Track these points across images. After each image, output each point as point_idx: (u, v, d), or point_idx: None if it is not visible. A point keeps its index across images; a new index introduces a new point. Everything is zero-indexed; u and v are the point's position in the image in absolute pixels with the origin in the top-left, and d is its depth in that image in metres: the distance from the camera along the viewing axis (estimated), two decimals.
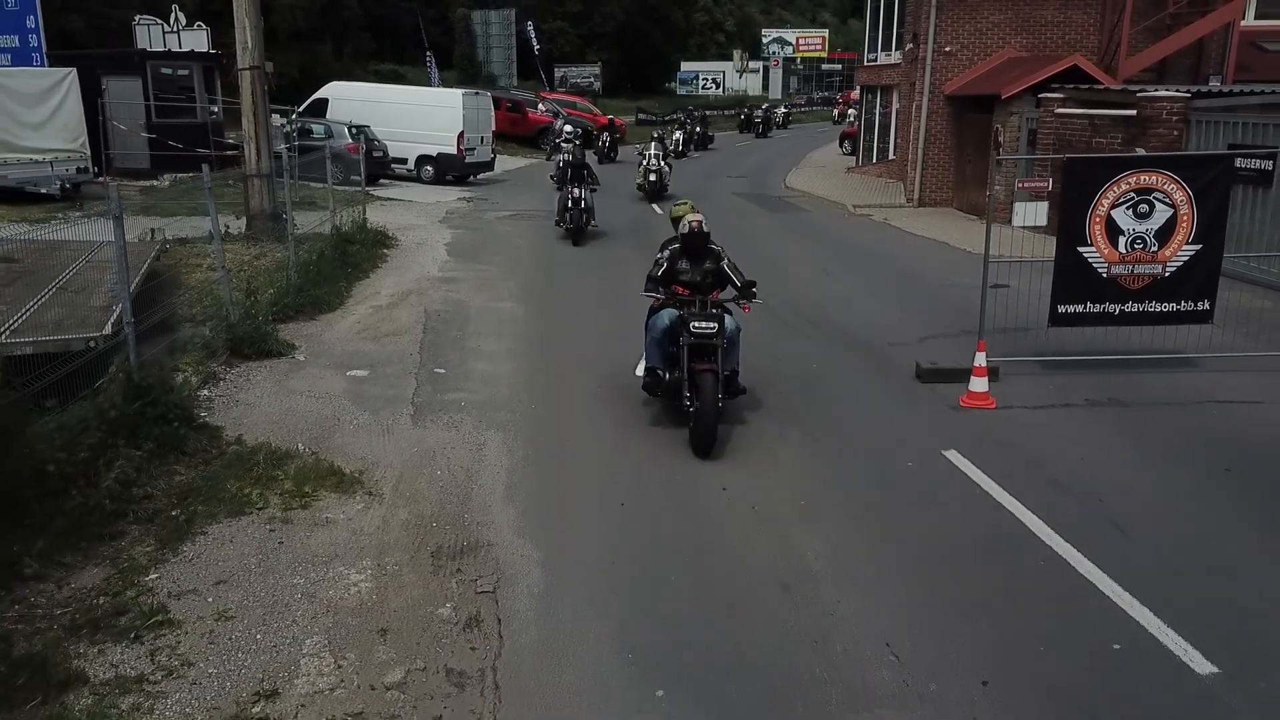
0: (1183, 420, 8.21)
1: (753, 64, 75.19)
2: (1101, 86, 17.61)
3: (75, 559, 5.72)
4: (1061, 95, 17.23)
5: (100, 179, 20.86)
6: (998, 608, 5.34)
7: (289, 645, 5.01)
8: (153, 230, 12.94)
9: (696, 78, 72.45)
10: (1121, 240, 9.03)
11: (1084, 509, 6.51)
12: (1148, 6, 19.92)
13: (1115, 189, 8.90)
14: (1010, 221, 9.51)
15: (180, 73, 23.68)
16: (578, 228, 17.00)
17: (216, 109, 23.52)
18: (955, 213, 20.89)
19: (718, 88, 72.09)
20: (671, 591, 5.59)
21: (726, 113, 56.08)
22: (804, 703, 4.55)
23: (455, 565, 5.92)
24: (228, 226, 14.20)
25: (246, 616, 5.25)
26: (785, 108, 58.61)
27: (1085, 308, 9.23)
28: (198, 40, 25.11)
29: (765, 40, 75.74)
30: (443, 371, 9.81)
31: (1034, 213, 9.07)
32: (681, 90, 70.26)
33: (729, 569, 5.84)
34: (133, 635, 5.00)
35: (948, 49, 21.08)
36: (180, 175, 21.36)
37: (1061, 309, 9.27)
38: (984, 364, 8.66)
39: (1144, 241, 9.02)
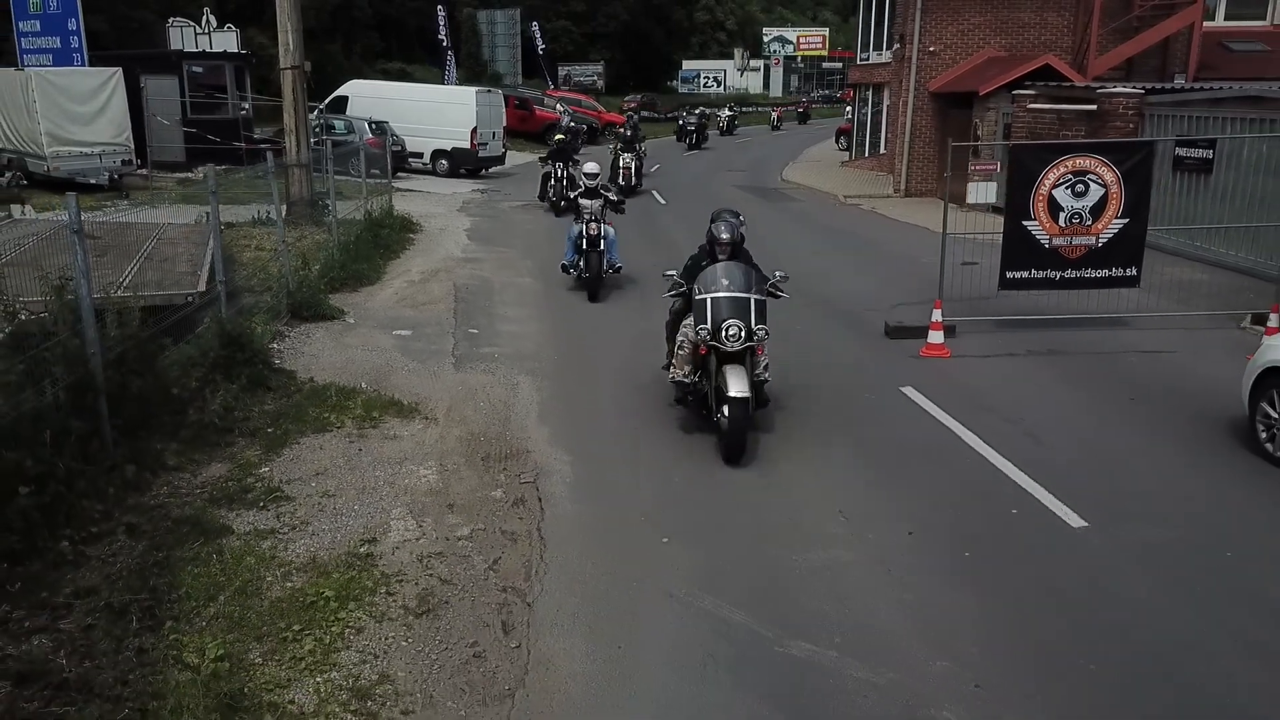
0: (1106, 365, 9.71)
1: (754, 62, 76.44)
2: (1069, 84, 19.07)
3: (202, 457, 7.22)
4: (1033, 92, 18.68)
5: (140, 171, 22.42)
6: (927, 488, 6.86)
7: (380, 513, 6.51)
8: (207, 214, 14.44)
9: (698, 76, 73.75)
10: (1061, 215, 10.51)
11: (1008, 425, 8.02)
12: (1117, 9, 21.38)
13: (1055, 171, 10.38)
14: (966, 200, 10.99)
15: (196, 70, 25.19)
16: None
17: (247, 106, 25.01)
18: (939, 202, 22.24)
19: (719, 86, 73.44)
20: (675, 482, 7.10)
21: (669, 114, 51.46)
22: (774, 544, 6.07)
23: (502, 465, 7.42)
24: (269, 212, 15.70)
25: (344, 495, 6.76)
26: (731, 109, 51.23)
27: (1030, 274, 10.72)
28: (228, 41, 26.63)
29: (766, 39, 76.93)
30: (476, 331, 11.31)
31: (986, 191, 10.57)
32: (683, 89, 71.61)
33: (719, 469, 7.33)
34: (260, 505, 6.51)
35: (932, 49, 22.55)
36: (215, 168, 22.89)
37: (1010, 275, 10.76)
38: (940, 320, 10.15)
39: (1080, 216, 10.51)
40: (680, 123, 42.03)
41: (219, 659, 4.69)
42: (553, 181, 20.69)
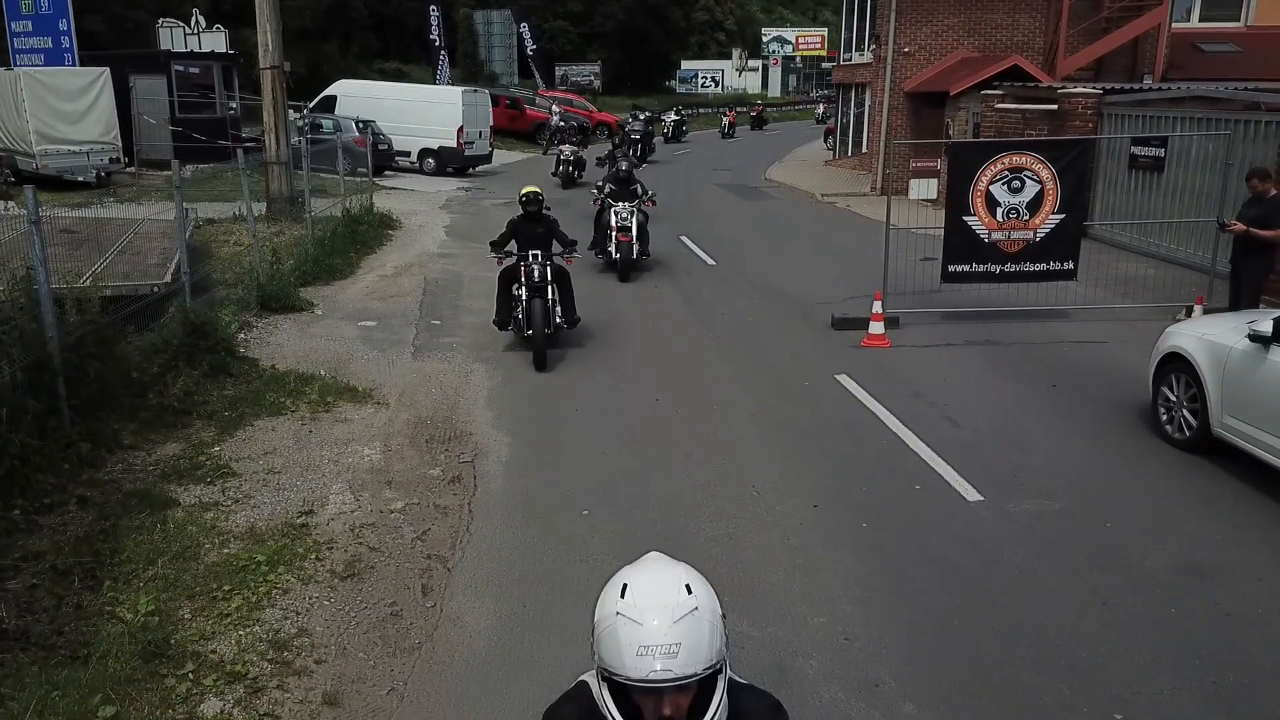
0: (1037, 354, 10.10)
1: (752, 63, 76.71)
2: (1034, 84, 19.45)
3: (158, 437, 7.61)
4: (1000, 92, 19.05)
5: (129, 169, 22.85)
6: (841, 467, 7.25)
7: (321, 488, 6.90)
8: (185, 210, 14.87)
9: (696, 76, 74.00)
10: (999, 211, 10.90)
11: (931, 409, 8.41)
12: (1086, 10, 21.76)
13: (992, 168, 10.76)
14: (908, 195, 11.38)
15: (192, 70, 25.61)
16: None
17: (235, 105, 25.41)
18: (910, 199, 22.71)
19: (717, 86, 73.74)
20: (605, 459, 7.50)
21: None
22: (686, 516, 6.46)
23: (444, 446, 7.81)
24: (243, 209, 16.13)
25: (289, 472, 7.15)
26: (677, 114, 45.90)
27: (971, 267, 11.10)
28: (216, 41, 27.03)
29: (765, 39, 77.13)
30: (438, 323, 11.71)
31: (926, 188, 10.96)
32: (681, 89, 71.88)
33: (650, 444, 7.75)
34: (208, 480, 6.91)
35: (907, 50, 22.93)
36: (201, 166, 23.34)
37: (951, 269, 11.15)
38: (880, 311, 10.53)
39: (1017, 212, 10.89)
40: (624, 129, 33.62)
41: (150, 614, 5.08)
42: (520, 288, 10.07)
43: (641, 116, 34.83)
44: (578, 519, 6.48)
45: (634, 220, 13.97)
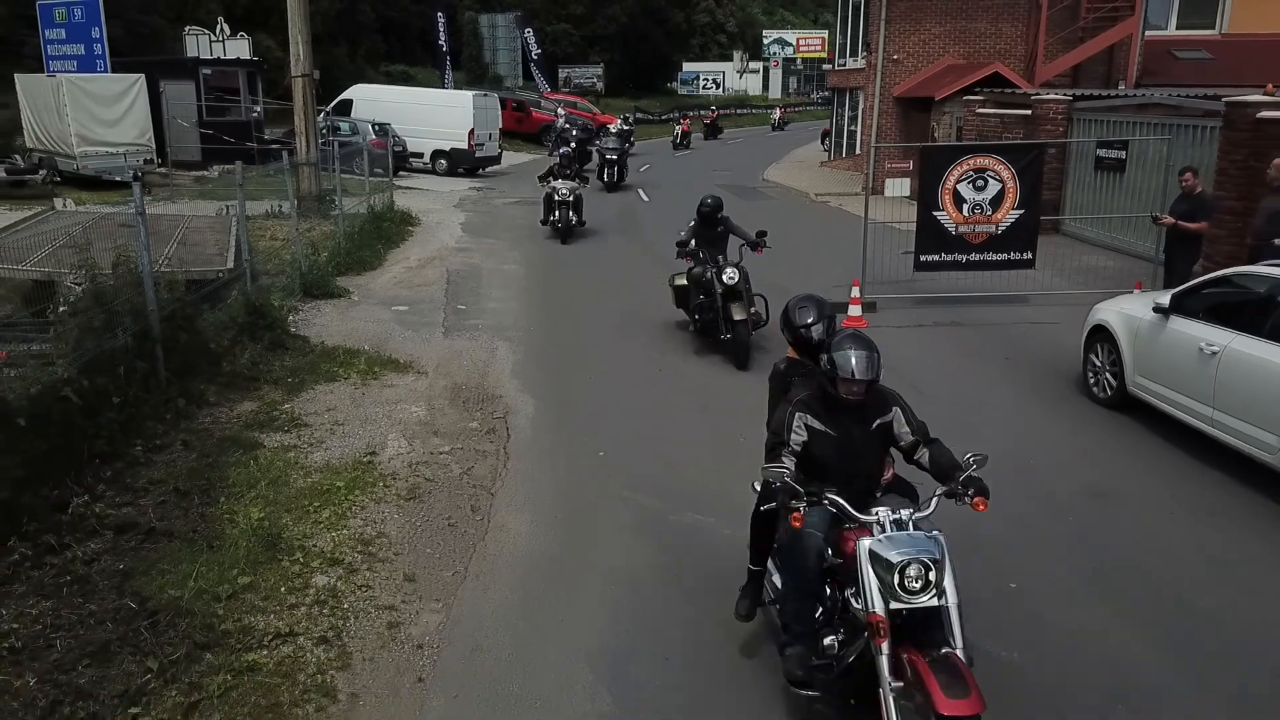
0: (997, 333, 11.43)
1: (753, 64, 77.95)
2: (1011, 90, 20.79)
3: (235, 397, 8.95)
4: (981, 98, 20.41)
5: (160, 169, 24.20)
6: None
7: (379, 436, 8.24)
8: (226, 207, 16.21)
9: (697, 78, 75.24)
10: (965, 206, 12.24)
11: (899, 378, 9.55)
12: (1065, 19, 23.09)
13: (959, 169, 12.10)
14: (885, 193, 12.73)
15: (205, 73, 26.98)
16: None
17: (258, 109, 26.77)
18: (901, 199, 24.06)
19: (718, 88, 75.03)
20: (617, 417, 8.83)
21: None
22: (684, 456, 7.80)
23: (479, 406, 9.15)
24: (280, 206, 17.45)
25: (350, 424, 8.48)
26: (627, 121, 39.68)
27: (940, 257, 12.44)
28: (240, 48, 28.40)
29: (766, 41, 78.33)
30: (464, 307, 13.05)
31: (901, 187, 12.30)
32: (683, 90, 73.13)
33: (655, 405, 9.08)
34: (284, 429, 8.24)
35: (895, 57, 24.26)
36: (228, 166, 24.69)
37: (922, 258, 12.49)
38: (859, 295, 11.86)
39: (981, 208, 12.23)
40: (597, 145, 28.37)
41: (260, 519, 6.42)
42: None
43: (614, 130, 30.05)
44: (595, 459, 7.82)
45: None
